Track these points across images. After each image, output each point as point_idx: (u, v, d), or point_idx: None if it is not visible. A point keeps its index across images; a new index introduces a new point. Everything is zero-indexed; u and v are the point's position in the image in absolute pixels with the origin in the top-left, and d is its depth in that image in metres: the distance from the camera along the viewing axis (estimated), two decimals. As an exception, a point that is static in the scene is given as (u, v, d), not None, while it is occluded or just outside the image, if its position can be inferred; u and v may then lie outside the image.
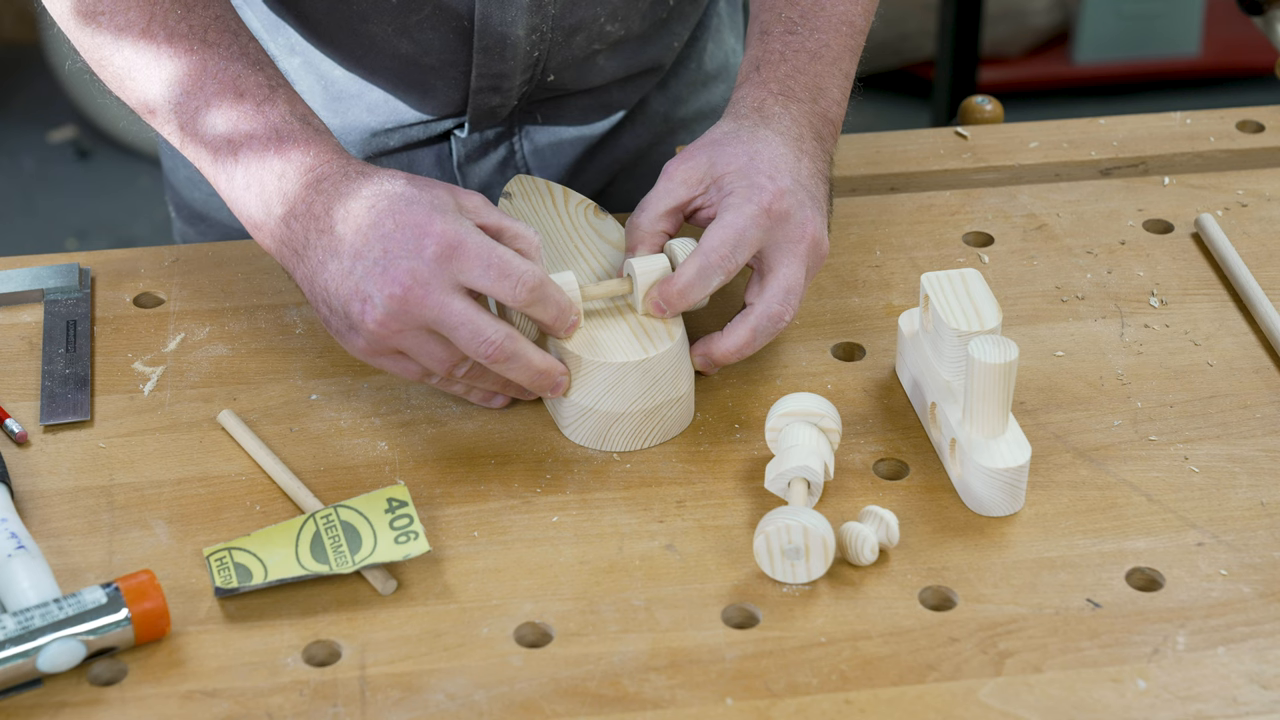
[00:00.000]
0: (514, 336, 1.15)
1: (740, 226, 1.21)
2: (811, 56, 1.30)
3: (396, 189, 1.17)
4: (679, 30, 1.49)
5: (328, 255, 1.17)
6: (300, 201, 1.18)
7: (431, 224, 1.14)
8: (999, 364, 1.13)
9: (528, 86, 1.43)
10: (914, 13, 3.53)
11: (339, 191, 1.17)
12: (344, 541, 1.14)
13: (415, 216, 1.15)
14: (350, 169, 1.19)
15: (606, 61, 1.45)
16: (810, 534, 1.10)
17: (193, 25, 1.22)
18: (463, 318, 1.14)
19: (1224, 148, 1.50)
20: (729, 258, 1.21)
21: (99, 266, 1.38)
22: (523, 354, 1.16)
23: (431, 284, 1.14)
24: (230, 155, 1.21)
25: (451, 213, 1.16)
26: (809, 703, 1.05)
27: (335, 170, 1.19)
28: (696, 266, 1.21)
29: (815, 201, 1.24)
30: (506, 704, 1.05)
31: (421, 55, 1.39)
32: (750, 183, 1.22)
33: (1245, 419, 1.25)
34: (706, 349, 1.24)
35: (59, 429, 1.24)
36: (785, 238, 1.22)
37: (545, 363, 1.18)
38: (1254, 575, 1.13)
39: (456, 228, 1.14)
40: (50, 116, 3.53)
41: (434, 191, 1.17)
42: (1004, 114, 1.57)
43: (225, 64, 1.22)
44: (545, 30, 1.38)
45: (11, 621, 1.06)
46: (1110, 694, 1.06)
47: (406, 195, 1.16)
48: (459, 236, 1.14)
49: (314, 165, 1.19)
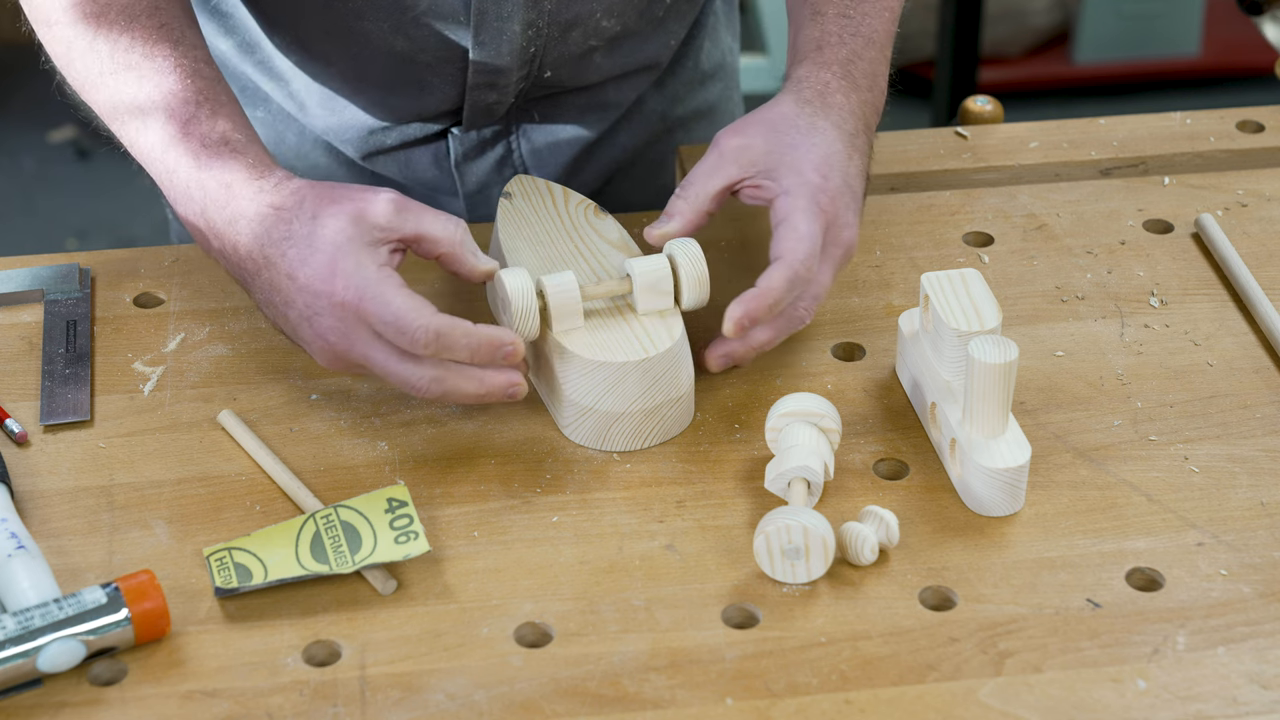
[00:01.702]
0: (441, 334, 1.14)
1: (814, 235, 1.21)
2: (867, 42, 1.30)
3: (299, 234, 1.16)
4: (675, 28, 1.49)
5: (269, 291, 1.18)
6: (228, 239, 1.19)
7: (333, 287, 1.15)
8: (999, 364, 1.13)
9: (524, 84, 1.43)
10: (914, 13, 3.53)
11: (259, 238, 1.18)
12: (344, 541, 1.14)
13: (316, 282, 1.15)
14: (263, 210, 1.18)
15: (603, 59, 1.45)
16: (810, 534, 1.10)
17: (134, 38, 1.23)
18: (385, 368, 1.16)
19: (1224, 148, 1.50)
20: (811, 268, 1.21)
21: (99, 266, 1.38)
22: (456, 341, 1.15)
23: (352, 337, 1.16)
24: (167, 174, 1.22)
25: (353, 259, 1.15)
26: (809, 703, 1.05)
27: (249, 208, 1.18)
28: (786, 278, 1.20)
29: (856, 203, 1.25)
30: (506, 704, 1.05)
31: (417, 52, 1.39)
32: (806, 181, 1.22)
33: (1245, 419, 1.25)
34: (727, 349, 1.23)
35: (59, 429, 1.24)
36: (829, 241, 1.23)
37: (487, 335, 1.16)
38: (1254, 575, 1.13)
39: (357, 283, 1.14)
40: (50, 116, 3.53)
41: (336, 228, 1.15)
42: (1004, 114, 1.57)
43: (161, 79, 1.22)
44: (541, 26, 1.38)
45: (11, 621, 1.06)
46: (1110, 694, 1.06)
47: (308, 249, 1.16)
48: (358, 296, 1.14)
49: (232, 201, 1.19)
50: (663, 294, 1.23)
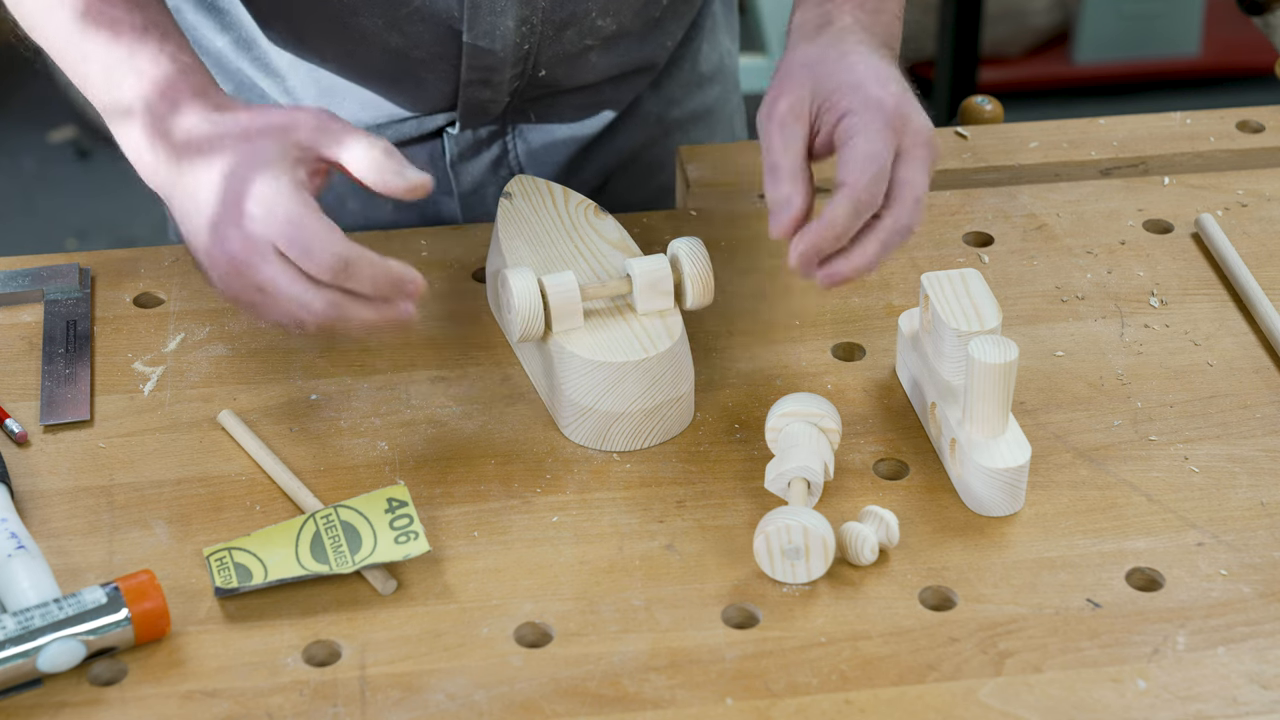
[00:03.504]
0: (349, 262, 1.12)
1: (879, 154, 1.15)
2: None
3: (225, 144, 1.14)
4: (673, 29, 1.49)
5: (185, 199, 1.16)
6: (160, 142, 1.17)
7: (245, 201, 1.12)
8: (999, 364, 1.13)
9: (519, 82, 1.43)
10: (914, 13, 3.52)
11: (184, 144, 1.16)
12: (344, 541, 1.14)
13: (230, 194, 1.13)
14: (193, 114, 1.16)
15: (599, 58, 1.45)
16: (810, 534, 1.10)
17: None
18: (282, 289, 1.12)
19: (1224, 148, 1.50)
20: (878, 192, 1.15)
21: (99, 266, 1.38)
22: (361, 271, 1.12)
23: (256, 252, 1.12)
24: (105, 78, 1.20)
25: (270, 174, 1.12)
26: (809, 703, 1.05)
27: (184, 121, 1.16)
28: (849, 206, 1.15)
29: (916, 102, 1.20)
30: (506, 704, 1.05)
31: (412, 48, 1.39)
32: (865, 96, 1.17)
33: (1245, 419, 1.25)
34: (832, 269, 1.17)
35: (59, 429, 1.24)
36: (910, 144, 1.17)
37: (394, 269, 1.13)
38: (1254, 575, 1.13)
39: (270, 199, 1.12)
40: (50, 116, 3.53)
41: (261, 144, 1.14)
42: (1004, 114, 1.57)
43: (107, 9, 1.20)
44: (535, 23, 1.38)
45: (11, 621, 1.06)
46: (1110, 694, 1.06)
47: (230, 159, 1.14)
48: (268, 212, 1.12)
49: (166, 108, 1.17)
50: (663, 294, 1.23)
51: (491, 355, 1.30)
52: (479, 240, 1.40)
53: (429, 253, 1.39)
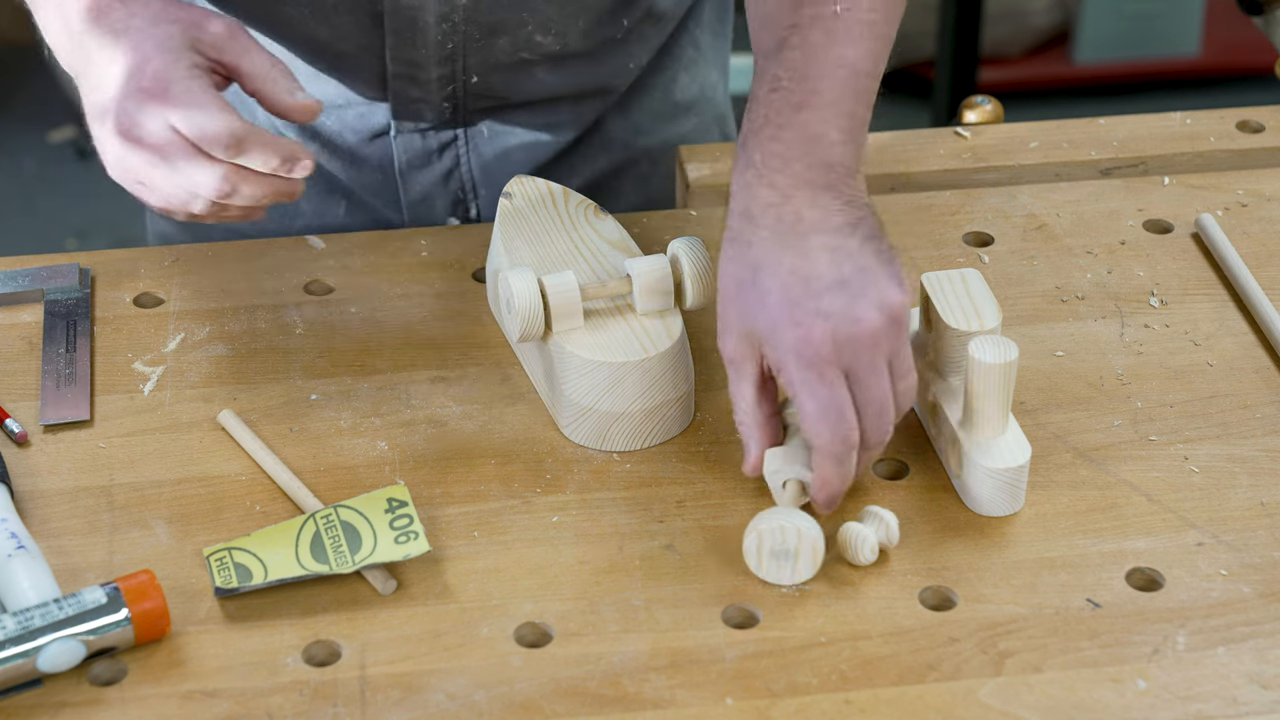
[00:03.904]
0: (243, 138, 1.13)
1: (825, 405, 1.11)
2: (797, 108, 1.16)
3: (134, 27, 1.16)
4: (637, 53, 1.47)
5: (90, 77, 1.18)
6: (75, 23, 1.19)
7: (142, 75, 1.14)
8: (999, 364, 1.13)
9: (452, 84, 1.42)
10: (914, 13, 3.52)
11: (98, 25, 1.17)
12: (344, 541, 1.14)
13: (130, 70, 1.15)
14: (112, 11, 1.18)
15: (547, 75, 1.43)
16: (803, 537, 1.11)
17: None
18: (175, 163, 1.14)
19: (1224, 148, 1.50)
20: (845, 435, 1.11)
21: (99, 266, 1.38)
22: (253, 147, 1.14)
23: (148, 126, 1.14)
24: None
25: (171, 56, 1.15)
26: (809, 703, 1.05)
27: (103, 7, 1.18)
28: (831, 465, 1.12)
29: (863, 279, 1.12)
30: (506, 704, 1.05)
31: (338, 40, 1.39)
32: (784, 343, 1.11)
33: (1245, 419, 1.25)
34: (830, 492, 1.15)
35: (59, 429, 1.24)
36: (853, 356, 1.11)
37: (284, 145, 1.15)
38: (1254, 575, 1.13)
39: (166, 75, 1.14)
40: (50, 116, 3.53)
41: (167, 31, 1.16)
42: (1004, 114, 1.57)
43: None
44: (456, 20, 1.37)
45: (11, 621, 1.06)
46: (1110, 694, 1.06)
47: (137, 41, 1.16)
48: (164, 87, 1.14)
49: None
50: (663, 294, 1.23)
51: (491, 355, 1.30)
52: (479, 240, 1.40)
53: (429, 253, 1.39)
